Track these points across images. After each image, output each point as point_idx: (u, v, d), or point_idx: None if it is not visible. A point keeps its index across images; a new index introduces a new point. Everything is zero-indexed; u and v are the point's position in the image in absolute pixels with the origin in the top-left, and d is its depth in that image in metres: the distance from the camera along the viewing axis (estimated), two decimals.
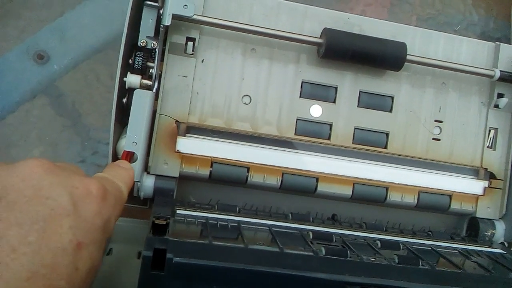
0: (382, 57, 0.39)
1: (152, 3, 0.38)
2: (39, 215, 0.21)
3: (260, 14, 0.40)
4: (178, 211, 0.34)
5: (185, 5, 0.35)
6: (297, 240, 0.33)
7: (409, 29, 0.43)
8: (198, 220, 0.33)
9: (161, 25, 0.35)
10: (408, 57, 0.40)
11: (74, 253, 0.21)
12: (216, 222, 0.34)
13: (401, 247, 0.35)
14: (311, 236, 0.34)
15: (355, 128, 0.42)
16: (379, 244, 0.35)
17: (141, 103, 0.36)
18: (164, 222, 0.30)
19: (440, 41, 0.43)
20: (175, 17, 0.36)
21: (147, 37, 0.39)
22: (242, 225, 0.34)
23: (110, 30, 0.49)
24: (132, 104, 0.36)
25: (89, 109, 0.48)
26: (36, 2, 0.48)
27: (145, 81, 0.38)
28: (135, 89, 0.37)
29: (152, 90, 0.37)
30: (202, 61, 0.39)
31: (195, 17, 0.37)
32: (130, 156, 0.35)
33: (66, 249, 0.21)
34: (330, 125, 0.41)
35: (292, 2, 0.41)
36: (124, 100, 0.39)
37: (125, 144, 0.36)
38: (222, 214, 0.36)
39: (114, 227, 0.26)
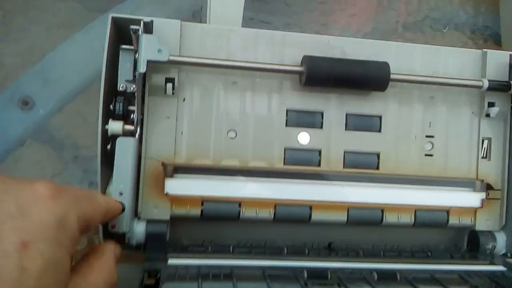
0: (365, 80, 0.39)
1: (128, 46, 0.38)
2: None
3: (238, 46, 0.40)
4: (170, 261, 0.34)
5: (159, 49, 0.35)
6: (291, 283, 0.32)
7: (391, 45, 0.42)
8: (190, 272, 0.33)
9: (137, 72, 0.35)
10: (392, 76, 0.39)
11: (18, 254, 0.21)
12: (208, 271, 0.33)
13: (399, 278, 0.35)
14: (305, 276, 0.34)
15: (345, 152, 0.41)
16: (376, 277, 0.34)
17: (124, 151, 0.36)
18: (153, 282, 0.29)
19: (424, 54, 0.42)
20: (150, 62, 0.35)
21: (126, 80, 0.39)
22: (235, 271, 0.33)
23: (92, 69, 0.49)
24: (115, 153, 0.36)
25: (73, 154, 0.48)
26: (17, 48, 0.47)
27: (127, 127, 0.37)
28: (118, 136, 0.37)
29: (135, 136, 0.37)
30: (184, 100, 0.39)
31: (171, 58, 0.36)
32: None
33: (7, 251, 0.21)
34: (319, 152, 0.41)
35: (270, 31, 0.40)
36: (109, 146, 0.38)
37: (111, 195, 0.35)
38: (215, 258, 0.35)
39: (81, 222, 0.25)
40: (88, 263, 0.27)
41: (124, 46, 0.38)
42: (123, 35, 0.38)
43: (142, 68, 0.34)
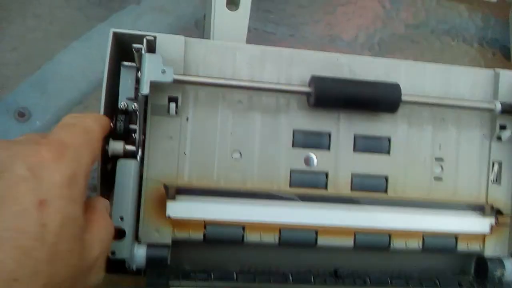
0: (376, 102, 0.37)
1: (130, 63, 0.36)
2: None
3: (244, 64, 0.38)
4: None
5: (163, 70, 0.33)
6: None
7: (401, 64, 0.41)
8: None
9: (140, 93, 0.33)
10: (404, 98, 0.38)
11: (37, 211, 0.22)
12: None
13: None
14: None
15: (352, 175, 0.40)
16: None
17: (125, 173, 0.34)
18: None
19: (435, 73, 0.41)
20: (153, 83, 0.33)
21: (127, 98, 0.37)
22: None
23: (91, 79, 0.47)
24: (116, 176, 0.34)
25: None
26: (13, 58, 0.45)
27: (128, 147, 0.36)
28: (118, 156, 0.35)
29: (136, 158, 0.35)
30: (187, 119, 0.38)
31: (175, 77, 0.35)
32: (117, 233, 0.34)
33: (28, 209, 0.22)
34: (326, 174, 0.39)
35: (277, 48, 0.39)
36: (109, 166, 0.37)
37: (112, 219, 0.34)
38: (218, 287, 0.34)
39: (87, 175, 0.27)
40: (86, 219, 0.27)
41: (125, 63, 0.36)
42: (124, 48, 0.36)
43: (145, 90, 0.33)
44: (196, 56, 0.37)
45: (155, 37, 0.36)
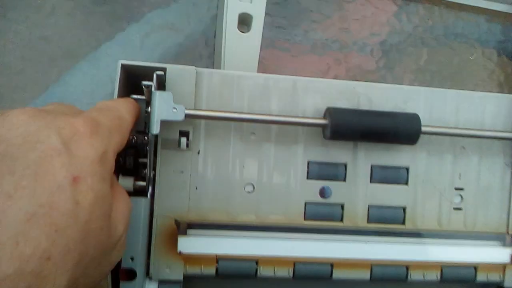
0: (395, 134, 0.36)
1: (139, 96, 0.35)
2: (30, 160, 0.21)
3: (257, 94, 0.37)
4: None
5: (174, 108, 0.32)
6: None
7: (420, 91, 0.39)
8: None
9: (150, 133, 0.32)
10: (424, 129, 0.36)
11: (71, 188, 0.22)
12: None
13: None
14: None
15: (369, 206, 0.38)
16: None
17: (136, 213, 0.33)
18: None
19: (456, 101, 0.39)
20: (164, 122, 0.32)
21: (136, 131, 0.36)
22: None
23: (97, 100, 0.46)
24: None
25: None
26: (20, 81, 0.44)
27: (138, 183, 0.35)
28: (128, 193, 0.34)
29: (146, 196, 0.34)
30: (198, 152, 0.36)
31: (187, 112, 0.33)
32: (128, 274, 0.33)
33: (62, 185, 0.21)
34: (342, 206, 0.38)
35: (291, 77, 0.38)
36: None
37: (122, 261, 0.33)
38: None
39: (115, 155, 0.27)
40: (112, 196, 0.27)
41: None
42: (133, 78, 0.35)
43: (155, 130, 0.32)
44: (208, 87, 0.36)
45: (165, 70, 0.35)
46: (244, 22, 0.43)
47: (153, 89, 0.32)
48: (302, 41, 0.50)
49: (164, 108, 0.32)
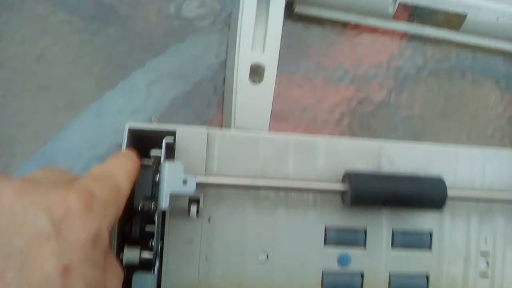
0: (419, 200, 0.34)
1: (147, 162, 0.33)
2: (15, 247, 0.19)
3: (271, 157, 0.35)
4: None
5: (185, 180, 0.30)
6: None
7: (443, 150, 0.37)
8: None
9: (158, 207, 0.30)
10: (449, 193, 0.34)
11: (61, 280, 0.19)
12: None
13: None
14: None
15: (390, 274, 0.36)
16: None
17: None
18: None
19: (482, 160, 0.37)
20: (173, 195, 0.30)
21: (143, 198, 0.34)
22: None
23: (100, 153, 0.43)
24: None
25: None
26: (19, 135, 0.42)
27: (144, 255, 0.33)
28: (133, 266, 0.32)
29: (153, 271, 0.32)
30: (209, 220, 0.34)
31: (198, 179, 0.31)
32: None
33: (51, 278, 0.19)
34: (362, 274, 0.36)
35: (307, 137, 0.35)
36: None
37: None
38: None
39: (109, 230, 0.24)
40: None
41: (141, 163, 0.33)
42: (141, 140, 0.33)
43: (164, 205, 0.29)
44: (219, 149, 0.34)
45: (174, 132, 0.32)
46: (256, 72, 0.41)
47: (162, 159, 0.30)
48: (312, 75, 0.48)
49: (173, 180, 0.30)
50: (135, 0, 0.45)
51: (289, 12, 0.46)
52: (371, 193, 0.33)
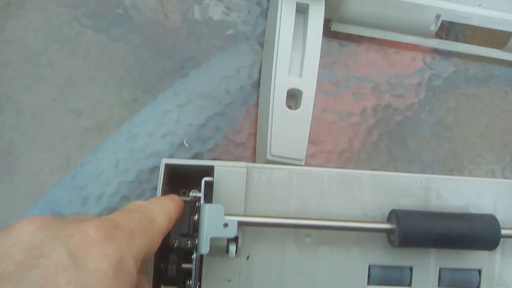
0: (472, 241, 0.32)
1: (184, 198, 0.32)
2: (32, 280, 0.18)
3: (312, 192, 0.33)
4: None
5: (226, 224, 0.28)
6: None
7: (493, 184, 0.35)
8: None
9: (197, 253, 0.29)
10: (503, 232, 0.32)
11: None
12: None
13: None
14: None
15: None
16: None
17: None
18: None
19: None
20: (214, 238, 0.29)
21: (179, 234, 0.33)
22: None
23: (130, 178, 0.42)
24: None
25: None
26: (47, 160, 0.41)
27: None
28: None
29: None
30: (248, 258, 0.33)
31: (238, 218, 0.30)
32: None
33: None
34: None
35: (349, 171, 0.34)
36: None
37: None
38: None
39: (138, 262, 0.23)
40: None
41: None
42: (177, 175, 0.32)
43: (204, 250, 0.28)
44: (259, 185, 0.33)
45: (212, 168, 0.31)
46: (293, 97, 0.39)
47: (201, 201, 0.29)
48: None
49: (214, 224, 0.28)
50: (163, 18, 0.44)
51: (325, 30, 0.44)
52: (420, 234, 0.31)
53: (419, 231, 0.31)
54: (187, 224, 0.32)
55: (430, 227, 0.31)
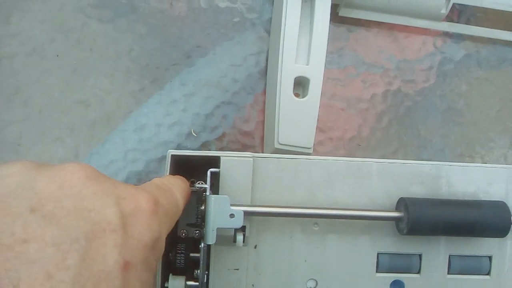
0: (481, 228, 0.31)
1: (193, 188, 0.32)
2: (80, 232, 0.18)
3: (319, 181, 0.33)
4: None
5: (232, 214, 0.28)
6: None
7: (504, 171, 0.34)
8: None
9: (204, 244, 0.29)
10: None
11: (121, 275, 0.19)
12: None
13: None
14: None
15: None
16: None
17: None
18: None
19: None
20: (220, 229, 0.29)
21: (187, 224, 0.33)
22: None
23: (140, 169, 0.42)
24: None
25: None
26: (56, 151, 0.41)
27: (190, 283, 0.32)
28: None
29: None
30: (255, 247, 0.33)
31: (244, 208, 0.30)
32: None
33: (112, 272, 0.18)
34: None
35: (357, 160, 0.33)
36: None
37: None
38: None
39: (165, 241, 0.23)
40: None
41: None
42: (184, 165, 0.32)
43: (210, 240, 0.28)
44: (265, 176, 0.32)
45: (219, 159, 0.31)
46: (300, 84, 0.39)
47: (208, 192, 0.29)
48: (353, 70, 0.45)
49: (220, 214, 0.28)
50: (169, 6, 0.43)
51: (333, 16, 0.43)
52: (429, 222, 0.31)
53: (427, 219, 0.31)
54: (194, 214, 0.32)
55: (439, 215, 0.31)
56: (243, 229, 0.32)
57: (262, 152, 0.42)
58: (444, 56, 0.46)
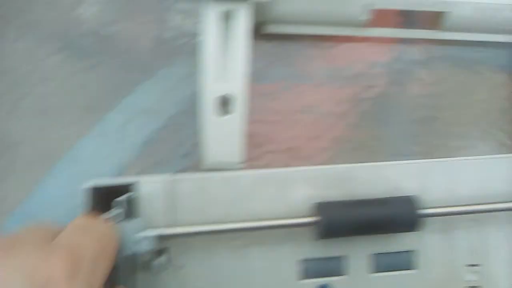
0: (392, 224, 0.33)
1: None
2: None
3: (239, 196, 0.34)
4: None
5: (143, 238, 0.29)
6: None
7: (414, 166, 0.36)
8: None
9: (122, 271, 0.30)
10: (423, 212, 0.33)
11: None
12: None
13: None
14: None
15: None
16: None
17: None
18: None
19: (464, 169, 0.36)
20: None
21: None
22: None
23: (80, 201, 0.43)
24: None
25: None
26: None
27: None
28: None
29: None
30: (180, 268, 0.34)
31: (162, 231, 0.31)
32: None
33: None
34: None
35: (275, 170, 0.35)
36: None
37: None
38: None
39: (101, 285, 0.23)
40: None
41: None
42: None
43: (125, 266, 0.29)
44: (185, 195, 0.33)
45: (135, 184, 0.32)
46: (227, 102, 0.40)
47: (120, 218, 0.30)
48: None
49: (131, 240, 0.29)
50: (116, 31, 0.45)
51: (260, 33, 0.45)
52: (343, 223, 0.32)
53: (341, 220, 0.32)
54: None
55: (352, 215, 0.32)
56: (164, 252, 0.33)
57: None
58: (374, 61, 0.48)
